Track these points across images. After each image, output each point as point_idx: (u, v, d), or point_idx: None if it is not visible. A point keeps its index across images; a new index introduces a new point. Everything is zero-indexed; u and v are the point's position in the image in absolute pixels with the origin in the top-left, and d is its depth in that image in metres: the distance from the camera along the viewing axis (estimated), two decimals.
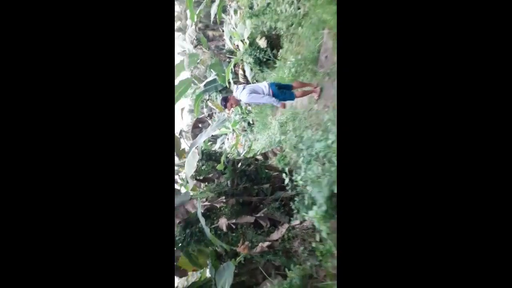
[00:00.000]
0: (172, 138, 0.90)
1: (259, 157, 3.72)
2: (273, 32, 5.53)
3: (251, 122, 8.44)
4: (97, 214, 0.75)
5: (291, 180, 2.97)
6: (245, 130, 10.96)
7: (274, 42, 5.64)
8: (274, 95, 3.03)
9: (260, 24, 5.61)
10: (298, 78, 3.89)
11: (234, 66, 7.64)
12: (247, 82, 7.50)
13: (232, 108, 3.36)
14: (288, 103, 3.50)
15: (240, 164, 3.37)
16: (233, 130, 11.08)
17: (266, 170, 3.71)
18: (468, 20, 0.69)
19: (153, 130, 0.79)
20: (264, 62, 6.08)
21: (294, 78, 4.16)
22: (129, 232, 0.76)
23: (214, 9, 7.65)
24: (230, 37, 7.15)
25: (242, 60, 6.78)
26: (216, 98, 8.93)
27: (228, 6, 7.54)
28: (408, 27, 0.73)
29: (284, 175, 2.81)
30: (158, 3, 0.78)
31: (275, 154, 3.95)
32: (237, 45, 6.87)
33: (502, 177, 0.66)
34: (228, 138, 10.02)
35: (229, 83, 7.51)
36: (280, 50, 5.14)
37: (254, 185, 3.50)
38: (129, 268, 0.75)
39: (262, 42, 5.71)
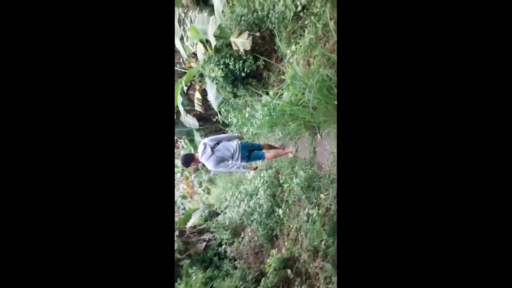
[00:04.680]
0: (172, 144, 0.91)
1: None
2: (265, 26, 3.10)
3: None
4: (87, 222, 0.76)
5: None
6: (197, 170, 7.90)
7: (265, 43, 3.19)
8: (242, 159, 2.69)
9: (242, 13, 3.15)
10: None
11: (188, 87, 4.94)
12: (207, 110, 4.81)
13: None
14: None
15: None
16: (182, 169, 8.00)
17: None
18: (468, 21, 0.70)
19: (153, 133, 0.81)
20: (242, 79, 3.52)
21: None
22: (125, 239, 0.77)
23: None
24: (182, 37, 4.37)
25: (202, 75, 4.09)
26: None
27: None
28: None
29: None
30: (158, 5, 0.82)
31: None
32: (194, 53, 4.21)
33: (501, 177, 0.67)
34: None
35: (178, 112, 4.72)
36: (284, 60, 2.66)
37: None
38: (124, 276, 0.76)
39: (243, 42, 3.18)
